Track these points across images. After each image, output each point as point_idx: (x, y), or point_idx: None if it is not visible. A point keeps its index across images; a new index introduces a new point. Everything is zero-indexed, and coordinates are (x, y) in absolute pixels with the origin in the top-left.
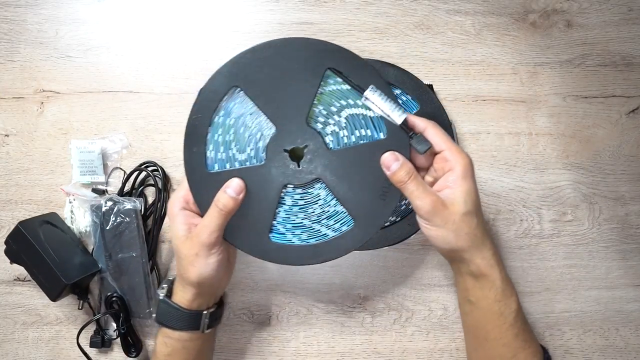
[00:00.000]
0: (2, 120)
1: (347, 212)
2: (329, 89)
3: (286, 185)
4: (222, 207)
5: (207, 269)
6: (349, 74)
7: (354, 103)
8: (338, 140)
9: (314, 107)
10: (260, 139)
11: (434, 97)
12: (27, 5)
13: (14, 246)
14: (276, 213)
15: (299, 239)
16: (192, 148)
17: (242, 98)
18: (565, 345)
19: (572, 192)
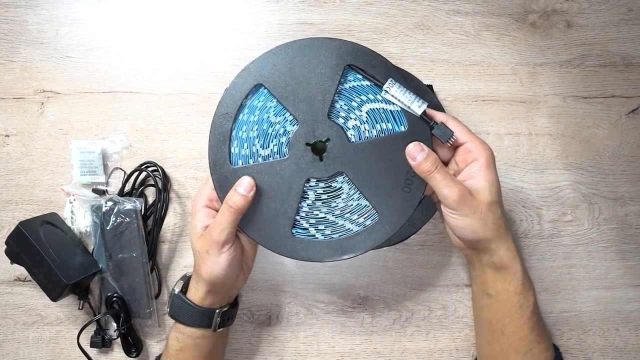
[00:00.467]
0: (3, 120)
1: (371, 205)
2: (349, 85)
3: (309, 179)
4: (232, 205)
5: (218, 267)
6: (367, 69)
7: (374, 98)
8: (360, 134)
9: (335, 102)
10: (284, 135)
11: (433, 97)
12: (27, 5)
13: (14, 246)
14: (299, 207)
15: (322, 234)
16: (216, 144)
17: (266, 96)
18: (565, 345)
19: (572, 192)
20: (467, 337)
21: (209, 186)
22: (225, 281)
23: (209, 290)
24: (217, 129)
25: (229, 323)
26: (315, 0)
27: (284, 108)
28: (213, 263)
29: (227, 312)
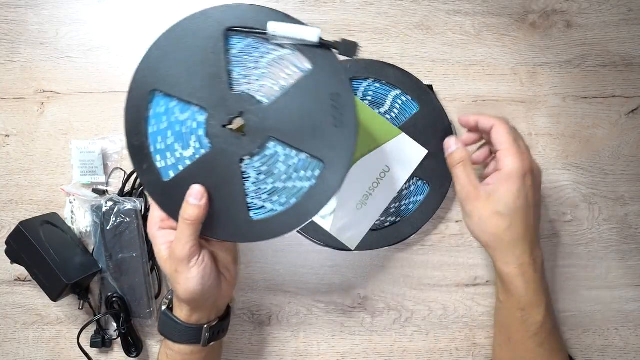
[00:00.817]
0: (3, 120)
1: (311, 155)
2: (237, 49)
3: (241, 158)
4: (189, 218)
5: (191, 283)
6: (246, 25)
7: (266, 50)
8: (269, 92)
9: (231, 73)
10: (198, 127)
11: (433, 97)
12: (27, 5)
13: (14, 246)
14: (245, 190)
15: (279, 204)
16: (142, 166)
17: (164, 98)
18: None
19: (572, 192)
20: (467, 337)
21: (155, 208)
22: (205, 294)
23: (192, 307)
24: (135, 152)
25: (220, 336)
26: (315, 0)
27: (186, 102)
28: (185, 280)
29: (217, 326)
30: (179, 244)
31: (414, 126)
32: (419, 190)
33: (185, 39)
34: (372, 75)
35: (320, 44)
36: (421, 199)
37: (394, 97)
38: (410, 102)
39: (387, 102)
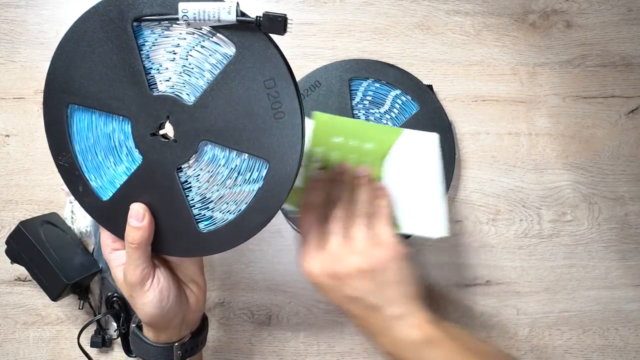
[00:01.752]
0: (3, 120)
1: (254, 155)
2: (150, 43)
3: (179, 167)
4: (132, 241)
5: (149, 307)
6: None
7: (182, 35)
8: (194, 88)
9: (148, 72)
10: (126, 139)
11: (433, 97)
12: (27, 5)
13: (14, 246)
14: (189, 201)
15: (229, 213)
16: (78, 189)
17: (82, 111)
18: (565, 345)
19: (572, 192)
20: None
21: (104, 232)
22: (166, 316)
23: (156, 329)
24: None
25: (195, 352)
26: (315, 0)
27: (106, 113)
28: (143, 305)
29: (189, 343)
30: (129, 269)
31: (414, 126)
32: None
33: (90, 38)
34: (372, 75)
35: (238, 21)
36: None
37: (394, 97)
38: (410, 102)
39: (387, 102)
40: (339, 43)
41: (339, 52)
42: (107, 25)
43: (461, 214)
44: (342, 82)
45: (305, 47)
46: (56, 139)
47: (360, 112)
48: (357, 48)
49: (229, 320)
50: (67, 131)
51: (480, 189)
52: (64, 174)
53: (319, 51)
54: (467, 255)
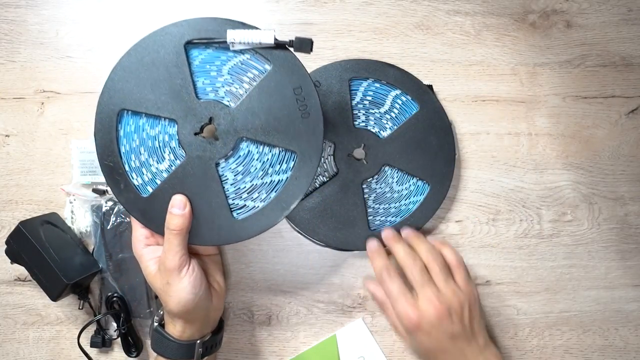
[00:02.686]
0: (3, 120)
1: (283, 148)
2: (199, 60)
3: (217, 163)
4: (175, 228)
5: (184, 293)
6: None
7: (227, 57)
8: (234, 96)
9: (196, 83)
10: (170, 139)
11: (433, 97)
12: (27, 5)
13: (14, 246)
14: (225, 192)
15: (260, 201)
16: (120, 186)
17: (133, 116)
18: (565, 345)
19: (572, 192)
20: None
21: (137, 227)
22: (198, 305)
23: (184, 322)
24: (110, 173)
25: (213, 350)
26: (315, 0)
27: (155, 117)
28: (178, 291)
29: (210, 341)
30: (169, 255)
31: (414, 126)
32: (419, 190)
33: (148, 57)
34: (372, 75)
35: (276, 44)
36: (421, 199)
37: (394, 97)
38: (410, 102)
39: (387, 102)
40: (339, 43)
41: (339, 52)
42: (164, 47)
43: (461, 214)
44: (342, 82)
45: None
46: (105, 142)
47: (361, 112)
48: (357, 48)
49: (229, 320)
50: (115, 135)
51: (480, 189)
52: (108, 172)
53: (319, 51)
54: (467, 255)
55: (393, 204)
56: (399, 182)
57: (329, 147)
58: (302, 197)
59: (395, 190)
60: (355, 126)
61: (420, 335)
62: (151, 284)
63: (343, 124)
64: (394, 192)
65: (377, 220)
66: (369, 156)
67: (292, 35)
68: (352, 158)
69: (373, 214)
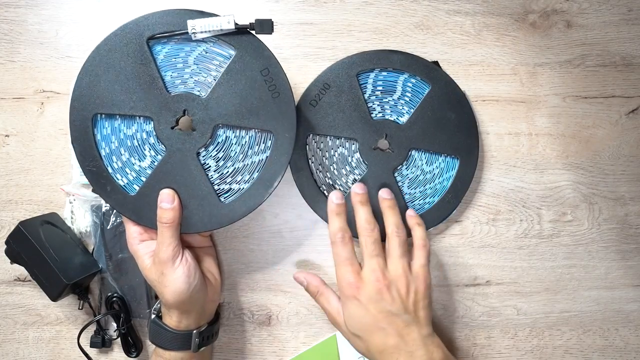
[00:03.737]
0: (2, 120)
1: (259, 129)
2: (163, 54)
3: (198, 152)
4: (165, 221)
5: (178, 282)
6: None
7: (190, 48)
8: (204, 85)
9: (164, 77)
10: (149, 136)
11: (442, 72)
12: (27, 5)
13: (14, 246)
14: (210, 179)
15: (244, 182)
16: (106, 189)
17: (107, 119)
18: (565, 345)
19: (572, 192)
20: (467, 337)
21: (130, 225)
22: (193, 295)
23: (181, 312)
24: (94, 178)
25: (210, 341)
26: (315, 0)
27: (129, 117)
28: (172, 281)
29: (206, 331)
30: (162, 247)
31: (430, 105)
32: (449, 165)
33: (111, 58)
34: (378, 65)
35: (237, 29)
36: (454, 174)
37: (403, 81)
38: (421, 82)
39: (398, 88)
40: (339, 43)
41: (339, 52)
42: (126, 45)
43: (461, 214)
44: (350, 79)
45: (306, 47)
46: (84, 149)
47: (375, 104)
48: (357, 48)
49: (229, 320)
50: (93, 139)
51: (480, 189)
52: (92, 177)
53: (319, 51)
54: (467, 255)
55: (427, 185)
56: (428, 162)
57: (353, 145)
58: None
59: (426, 172)
60: (373, 118)
61: (356, 307)
62: (147, 277)
63: (361, 119)
64: (426, 173)
65: (416, 205)
66: (393, 145)
67: (292, 35)
68: (377, 150)
69: (411, 199)
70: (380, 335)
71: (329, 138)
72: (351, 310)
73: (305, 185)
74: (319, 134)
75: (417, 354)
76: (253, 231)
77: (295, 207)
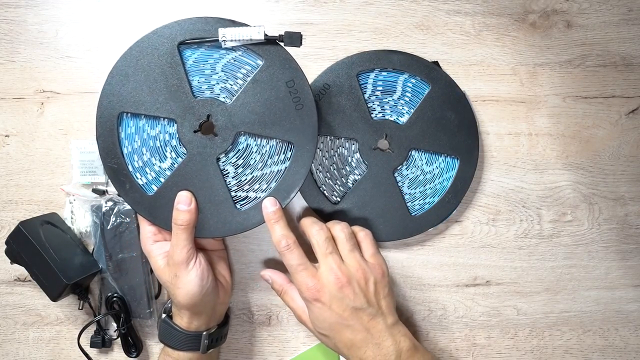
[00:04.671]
0: (3, 120)
1: (280, 140)
2: (192, 60)
3: (218, 158)
4: (182, 223)
5: (191, 285)
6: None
7: (219, 55)
8: (230, 92)
9: (191, 82)
10: (171, 138)
11: (442, 73)
12: (27, 5)
13: (14, 246)
14: (228, 185)
15: (262, 191)
16: (125, 187)
17: (132, 118)
18: (565, 345)
19: (572, 192)
20: (467, 337)
21: (145, 224)
22: (204, 298)
23: (192, 314)
24: (115, 175)
25: (219, 343)
26: (315, 0)
27: (154, 118)
28: (185, 283)
29: (216, 333)
30: (177, 249)
31: (430, 105)
32: (449, 166)
33: (142, 60)
34: (378, 65)
35: (266, 39)
36: (454, 174)
37: (403, 81)
38: (420, 82)
39: (398, 88)
40: (339, 43)
41: (339, 52)
42: (157, 48)
43: (461, 214)
44: (350, 79)
45: (306, 47)
46: (107, 146)
47: (375, 104)
48: (357, 48)
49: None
50: (117, 137)
51: (480, 189)
52: (112, 174)
53: (319, 51)
54: (467, 255)
55: (427, 185)
56: (428, 162)
57: (353, 145)
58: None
59: (426, 172)
60: (373, 118)
61: (320, 309)
62: (160, 278)
63: (361, 119)
64: (426, 173)
65: (416, 205)
66: (393, 145)
67: None
68: (377, 150)
69: (411, 199)
70: (348, 332)
71: (329, 138)
72: (316, 312)
73: (305, 185)
74: (319, 134)
75: (385, 344)
76: (253, 231)
77: (296, 207)
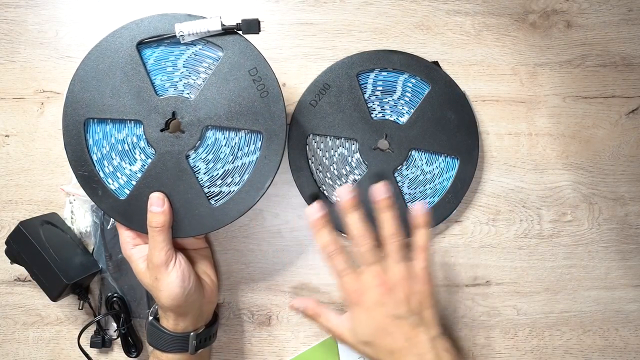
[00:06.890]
0: (3, 120)
1: (249, 130)
2: (153, 59)
3: (187, 155)
4: (156, 225)
5: (173, 286)
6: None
7: (179, 52)
8: (193, 88)
9: (153, 82)
10: (139, 140)
11: (442, 73)
12: (27, 5)
13: (14, 246)
14: (200, 182)
15: (235, 185)
16: (97, 193)
17: (99, 124)
18: (565, 346)
19: (572, 192)
20: (467, 337)
21: (123, 229)
22: (188, 298)
23: (177, 315)
24: (86, 182)
25: (208, 343)
26: (315, 0)
27: (120, 121)
28: (167, 285)
29: (204, 333)
30: (154, 252)
31: (430, 105)
32: (449, 165)
33: (103, 63)
34: (378, 65)
35: (224, 30)
36: (454, 174)
37: (403, 81)
38: (421, 82)
39: (398, 88)
40: (339, 43)
41: (339, 52)
42: (116, 51)
43: (461, 214)
44: (350, 79)
45: (305, 47)
46: (76, 153)
47: (375, 104)
48: (357, 48)
49: (229, 320)
50: (85, 144)
51: (480, 189)
52: (84, 182)
53: (319, 51)
54: (467, 255)
55: (427, 185)
56: (428, 162)
57: (353, 145)
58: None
59: (426, 172)
60: (373, 118)
61: (362, 313)
62: (141, 282)
63: (361, 119)
64: (426, 173)
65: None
66: (393, 145)
67: (292, 35)
68: (377, 151)
69: (411, 199)
70: (388, 339)
71: (329, 138)
72: (358, 316)
73: (305, 185)
74: (319, 134)
75: (426, 357)
76: (253, 231)
77: (295, 207)
